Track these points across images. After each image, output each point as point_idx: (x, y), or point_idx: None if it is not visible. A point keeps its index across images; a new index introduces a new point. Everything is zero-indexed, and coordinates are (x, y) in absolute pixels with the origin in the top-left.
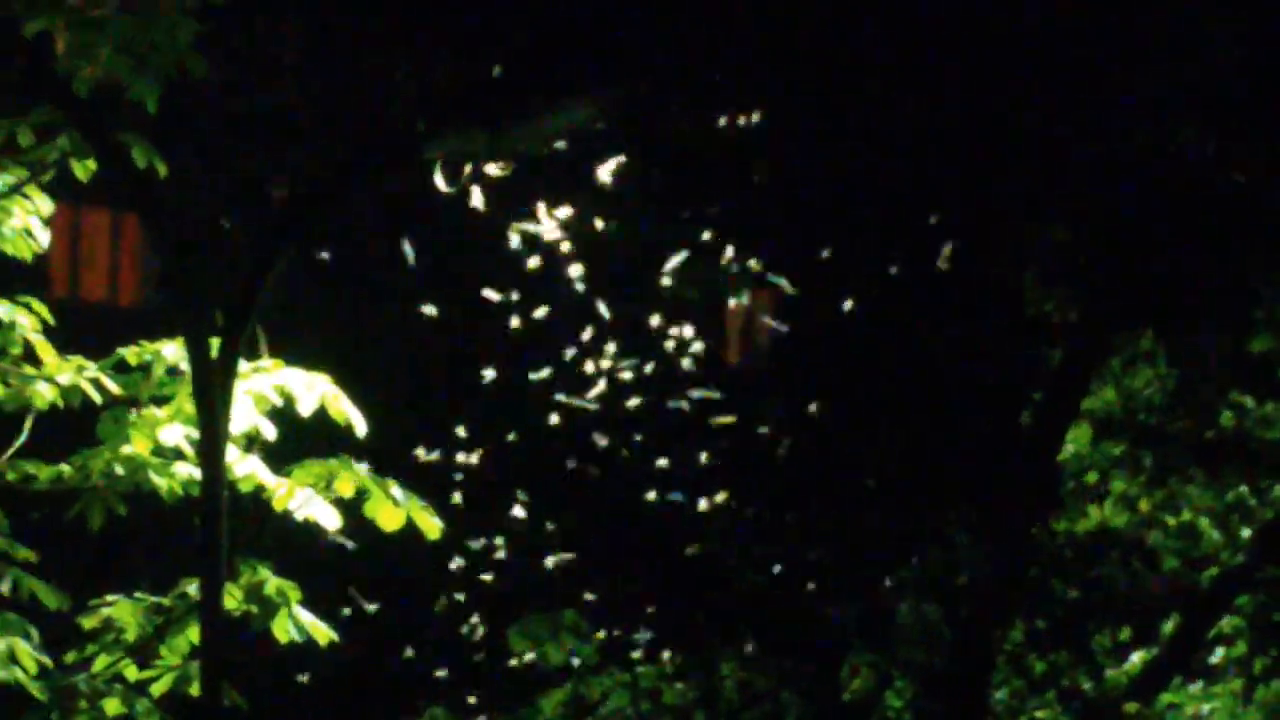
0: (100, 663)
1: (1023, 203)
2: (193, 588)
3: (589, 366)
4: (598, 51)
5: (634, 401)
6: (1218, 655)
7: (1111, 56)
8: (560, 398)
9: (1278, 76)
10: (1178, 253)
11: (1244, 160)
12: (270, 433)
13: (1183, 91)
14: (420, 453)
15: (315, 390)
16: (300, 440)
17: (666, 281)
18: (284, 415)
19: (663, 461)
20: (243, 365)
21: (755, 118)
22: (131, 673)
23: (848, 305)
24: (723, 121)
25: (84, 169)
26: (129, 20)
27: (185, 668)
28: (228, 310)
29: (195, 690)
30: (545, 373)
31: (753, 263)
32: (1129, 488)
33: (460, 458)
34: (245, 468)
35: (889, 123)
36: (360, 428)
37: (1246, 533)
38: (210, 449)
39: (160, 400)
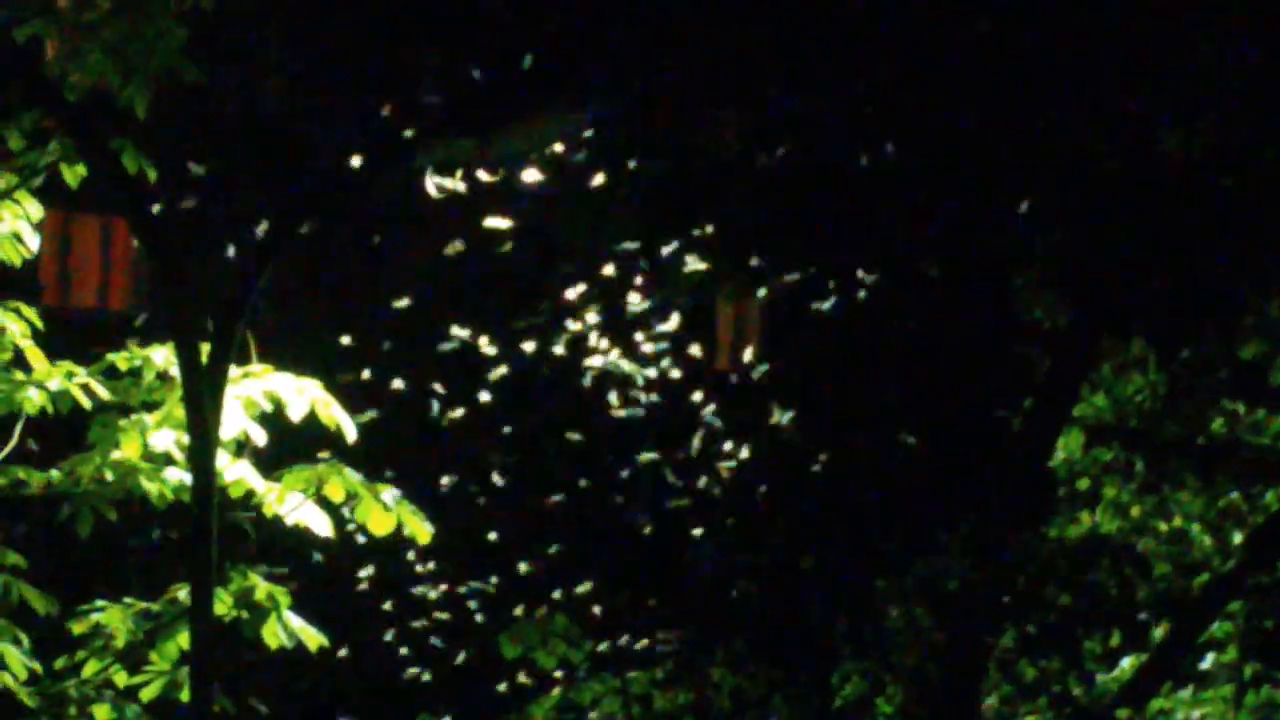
0: (90, 668)
1: (1013, 209)
2: (183, 593)
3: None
4: (585, 58)
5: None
6: (1208, 661)
7: (1099, 62)
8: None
9: (1264, 83)
10: (1167, 258)
11: (1232, 166)
12: (260, 438)
13: (1170, 97)
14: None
15: (305, 395)
16: (293, 445)
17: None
18: (276, 421)
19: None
20: (233, 370)
21: (743, 125)
22: (121, 679)
23: (835, 312)
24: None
25: (74, 175)
26: (118, 25)
27: (175, 673)
28: (218, 316)
29: (185, 696)
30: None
31: (743, 268)
32: (1120, 494)
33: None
34: (235, 473)
35: (880, 128)
36: (350, 433)
37: (1238, 539)
38: (200, 454)
39: (151, 406)
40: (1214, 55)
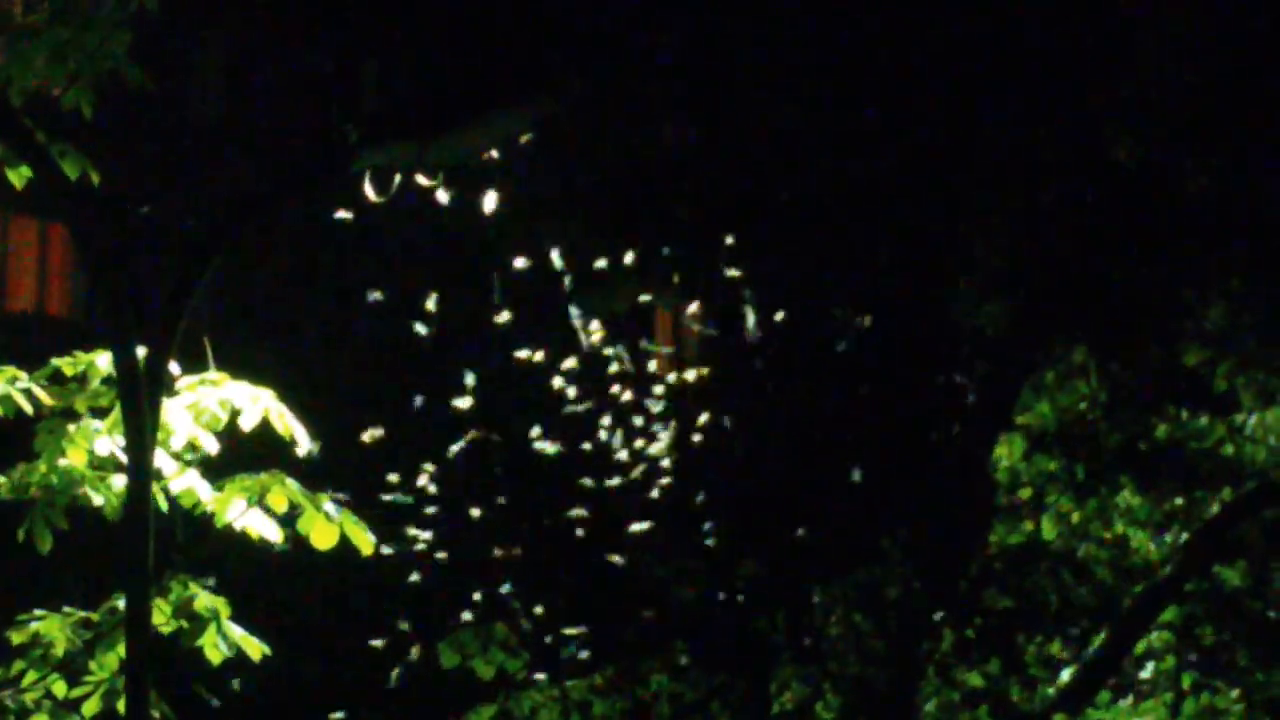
0: (29, 679)
1: (956, 215)
2: (122, 603)
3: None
4: (528, 62)
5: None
6: (1148, 670)
7: (1047, 72)
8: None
9: (1210, 92)
10: (1110, 265)
11: (1177, 174)
12: (211, 446)
13: (1117, 106)
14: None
15: (259, 404)
16: (246, 455)
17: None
18: (232, 430)
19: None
20: (188, 378)
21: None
22: (60, 689)
23: (777, 317)
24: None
25: (19, 177)
26: (63, 29)
27: (114, 684)
28: (156, 321)
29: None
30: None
31: (684, 273)
32: (1061, 500)
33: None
34: (183, 482)
35: (823, 136)
36: (304, 443)
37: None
38: (136, 461)
39: (99, 412)
40: (1163, 65)
